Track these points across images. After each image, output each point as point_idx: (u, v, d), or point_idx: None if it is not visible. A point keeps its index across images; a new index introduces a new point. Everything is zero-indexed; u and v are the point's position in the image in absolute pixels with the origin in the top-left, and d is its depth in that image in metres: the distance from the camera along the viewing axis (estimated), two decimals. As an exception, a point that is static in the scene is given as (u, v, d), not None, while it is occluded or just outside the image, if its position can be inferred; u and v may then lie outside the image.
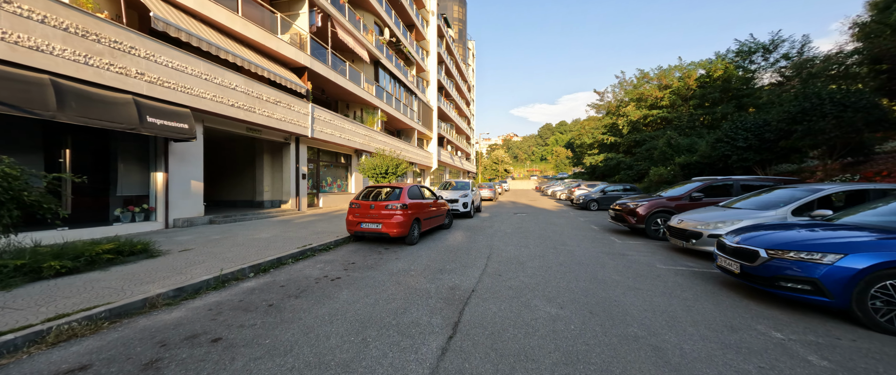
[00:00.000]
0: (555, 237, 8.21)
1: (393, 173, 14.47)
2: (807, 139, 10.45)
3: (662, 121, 23.01)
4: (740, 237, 4.05)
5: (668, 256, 6.13)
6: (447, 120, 38.29)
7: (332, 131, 14.02)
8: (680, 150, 17.88)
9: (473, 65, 60.75)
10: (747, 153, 12.67)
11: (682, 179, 17.40)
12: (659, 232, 7.87)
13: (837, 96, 9.83)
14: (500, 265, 5.47)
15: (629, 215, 8.32)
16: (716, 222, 5.69)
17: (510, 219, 12.32)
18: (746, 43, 19.88)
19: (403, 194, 7.09)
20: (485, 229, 9.76)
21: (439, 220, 8.90)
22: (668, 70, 23.37)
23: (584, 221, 11.84)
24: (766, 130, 12.16)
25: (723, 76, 19.92)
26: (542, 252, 6.43)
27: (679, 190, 8.51)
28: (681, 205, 7.84)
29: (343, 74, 15.00)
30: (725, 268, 4.10)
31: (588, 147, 32.12)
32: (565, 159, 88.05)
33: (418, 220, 7.37)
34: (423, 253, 6.28)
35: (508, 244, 7.25)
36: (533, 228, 9.92)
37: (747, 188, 7.63)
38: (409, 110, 24.12)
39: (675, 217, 6.74)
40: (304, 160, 13.06)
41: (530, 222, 11.22)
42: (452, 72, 38.63)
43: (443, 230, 9.27)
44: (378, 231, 6.73)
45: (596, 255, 6.20)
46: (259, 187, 12.92)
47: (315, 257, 5.88)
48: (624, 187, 16.70)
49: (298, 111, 11.79)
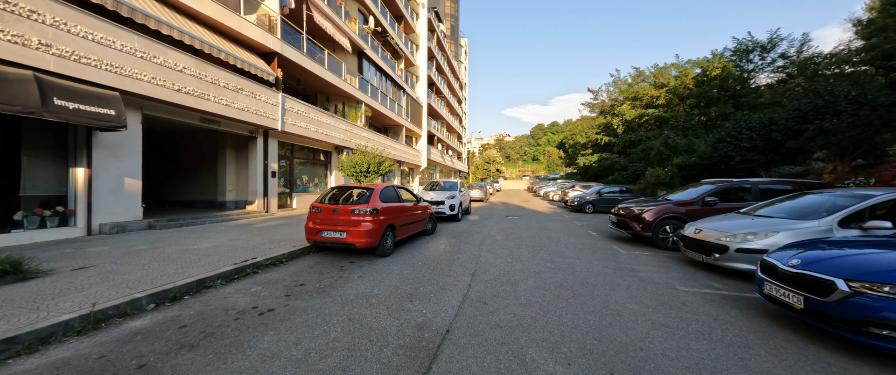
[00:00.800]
0: (551, 247, 7.20)
1: (375, 172, 13.29)
2: (819, 139, 9.72)
3: (658, 121, 22.41)
4: (798, 259, 3.08)
5: (686, 272, 5.17)
6: (438, 118, 37.17)
7: (307, 125, 12.75)
8: (678, 150, 17.18)
9: (466, 62, 59.76)
10: (751, 154, 11.95)
11: (680, 180, 16.71)
12: (668, 241, 6.94)
13: (853, 93, 9.12)
14: (486, 286, 4.40)
15: (634, 222, 7.37)
16: (744, 233, 4.74)
17: (501, 223, 11.30)
18: (744, 41, 19.34)
19: (374, 196, 5.96)
20: (472, 234, 8.70)
21: (420, 226, 7.80)
22: (665, 68, 22.77)
23: (581, 226, 10.90)
24: (772, 129, 11.44)
25: (721, 75, 19.35)
26: (538, 267, 5.39)
27: (689, 194, 7.61)
28: (693, 211, 6.92)
29: (321, 63, 13.73)
30: (778, 299, 3.12)
31: (581, 147, 31.43)
32: (557, 160, 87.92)
33: (393, 227, 6.25)
34: (394, 269, 5.17)
35: (498, 256, 6.20)
36: (526, 234, 8.91)
37: (767, 193, 6.76)
38: (396, 106, 22.92)
39: (689, 226, 5.80)
40: (274, 156, 11.77)
41: (523, 227, 10.22)
42: (443, 68, 37.52)
43: (425, 237, 8.17)
44: (342, 241, 5.58)
45: (601, 271, 5.20)
46: (221, 187, 11.56)
47: (257, 275, 4.70)
48: (620, 188, 15.89)
49: (266, 101, 10.51)
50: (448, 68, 40.32)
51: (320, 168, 15.58)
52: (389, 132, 25.01)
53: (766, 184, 6.84)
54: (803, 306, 2.86)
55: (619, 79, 26.64)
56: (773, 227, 4.63)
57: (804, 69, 14.22)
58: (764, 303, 3.82)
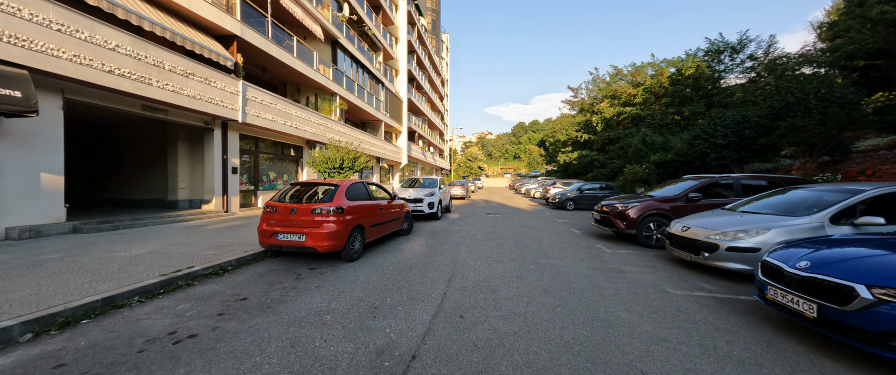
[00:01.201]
0: (533, 246, 6.80)
1: (350, 168, 12.50)
2: (790, 136, 9.93)
3: (635, 119, 22.83)
4: (807, 261, 2.75)
5: (675, 272, 4.88)
6: (419, 114, 36.38)
7: (274, 117, 11.75)
8: (655, 148, 17.44)
9: (447, 58, 59.11)
10: (726, 151, 12.15)
11: (657, 177, 16.98)
12: (652, 239, 6.72)
13: (822, 91, 9.34)
14: (463, 294, 3.88)
15: (618, 219, 7.11)
16: (734, 230, 4.49)
17: (482, 221, 10.86)
18: (716, 42, 19.92)
19: (339, 193, 5.29)
20: (452, 234, 8.19)
21: (394, 226, 7.18)
22: (642, 67, 23.22)
23: (563, 223, 10.65)
24: (746, 126, 11.65)
25: (694, 74, 19.87)
26: (520, 270, 4.94)
27: (672, 190, 7.43)
28: (677, 207, 6.73)
29: (289, 51, 12.71)
30: (784, 306, 2.79)
31: (562, 145, 31.70)
32: (538, 157, 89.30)
33: (361, 228, 5.61)
34: (360, 276, 4.55)
35: (477, 258, 5.71)
36: (507, 233, 8.49)
37: (749, 189, 6.67)
38: (375, 100, 22.00)
39: (675, 223, 5.55)
40: (235, 151, 10.72)
41: (504, 225, 9.82)
42: (424, 63, 36.72)
43: (400, 238, 7.57)
44: (300, 245, 4.89)
45: (588, 273, 4.81)
46: (172, 184, 10.39)
47: (191, 288, 3.95)
48: (601, 185, 15.90)
49: (223, 89, 9.48)
50: (429, 63, 39.55)
51: (290, 164, 14.54)
52: (367, 128, 24.04)
53: (748, 180, 6.76)
54: (817, 314, 2.53)
55: (598, 77, 27.02)
56: (764, 224, 4.40)
57: (773, 69, 14.74)
58: (762, 307, 3.52)
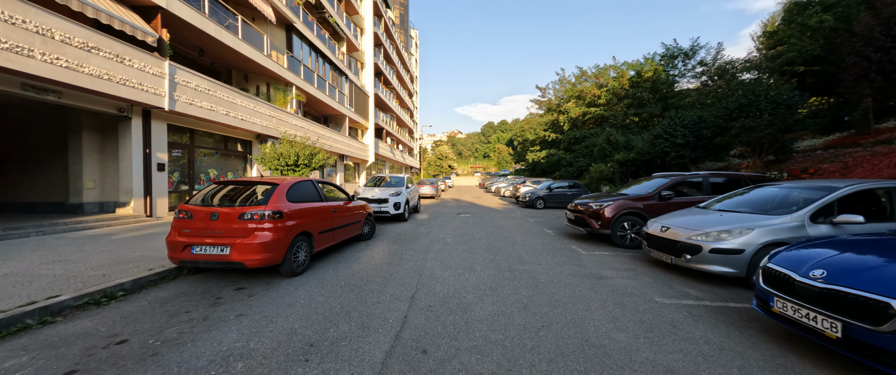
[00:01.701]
0: (507, 249, 6.26)
1: (307, 166, 11.26)
2: (742, 135, 10.41)
3: (599, 119, 23.61)
4: (822, 269, 2.39)
5: (656, 277, 4.55)
6: (387, 110, 35.05)
7: (213, 106, 10.20)
8: (618, 147, 17.95)
9: (417, 55, 57.97)
10: (684, 150, 12.61)
11: (621, 175, 17.50)
12: (626, 239, 6.48)
13: (771, 94, 9.87)
14: (428, 317, 3.17)
15: (592, 219, 6.80)
16: (717, 230, 4.23)
17: (452, 222, 10.23)
18: (671, 48, 21.05)
19: (277, 194, 4.33)
20: (419, 237, 7.44)
21: (352, 230, 6.29)
22: (604, 69, 24.08)
23: (535, 223, 10.33)
24: (702, 127, 12.14)
25: (652, 77, 20.86)
26: (495, 280, 4.34)
27: (643, 188, 7.29)
28: (650, 206, 6.55)
29: (232, 31, 11.15)
30: (797, 322, 2.42)
31: (531, 144, 32.15)
32: (507, 156, 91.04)
33: (308, 236, 4.68)
34: (300, 296, 3.67)
35: (447, 266, 5.03)
36: (479, 234, 7.92)
37: (717, 186, 6.66)
38: (337, 93, 20.54)
39: (652, 223, 5.28)
40: (161, 144, 9.09)
41: (475, 227, 9.26)
42: (392, 58, 35.43)
43: (360, 244, 6.68)
44: (223, 259, 3.88)
45: (568, 281, 4.32)
46: (75, 183, 8.52)
47: (48, 328, 2.84)
48: (569, 183, 16.00)
49: (143, 69, 7.91)
50: (397, 58, 38.31)
51: (236, 161, 12.89)
52: (330, 123, 22.47)
53: (716, 177, 6.75)
54: (841, 334, 2.15)
55: (564, 78, 27.69)
56: (746, 223, 4.18)
57: (722, 74, 15.76)
58: (759, 317, 3.21)
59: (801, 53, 11.54)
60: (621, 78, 22.53)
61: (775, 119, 9.66)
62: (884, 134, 9.32)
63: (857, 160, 8.66)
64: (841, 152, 9.80)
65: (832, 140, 10.97)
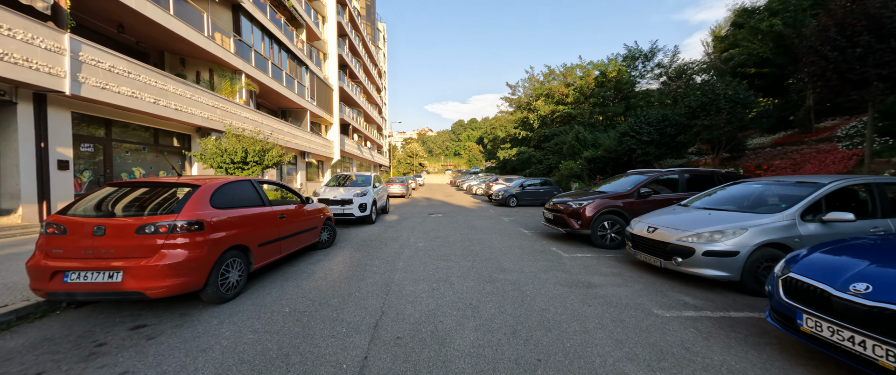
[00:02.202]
0: (485, 254, 5.70)
1: (257, 163, 9.93)
2: (704, 133, 10.77)
3: (567, 117, 24.11)
4: (865, 282, 2.03)
5: (648, 283, 4.20)
6: (354, 105, 33.35)
7: (137, 93, 8.56)
8: (586, 144, 18.27)
9: (385, 49, 56.13)
10: (649, 147, 12.94)
11: (589, 173, 17.83)
12: (606, 239, 6.20)
13: (729, 93, 10.28)
14: (395, 355, 2.46)
15: (572, 218, 6.45)
16: (709, 231, 3.95)
17: (424, 223, 9.52)
18: (632, 49, 21.90)
19: (195, 199, 3.35)
20: (387, 243, 6.65)
21: (307, 238, 5.36)
22: (571, 68, 24.63)
23: (510, 222, 9.94)
24: (667, 125, 12.49)
25: (616, 77, 21.58)
26: (476, 295, 3.72)
27: (620, 185, 7.10)
28: (630, 204, 6.32)
29: (162, 6, 9.48)
30: (842, 348, 2.03)
31: (501, 141, 32.24)
32: (478, 154, 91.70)
33: (244, 250, 3.74)
34: (225, 334, 2.78)
35: (419, 278, 4.33)
36: (454, 237, 7.30)
37: (693, 183, 6.59)
38: (297, 85, 18.87)
39: (636, 223, 4.98)
40: (64, 136, 7.41)
41: (449, 228, 8.63)
42: (358, 50, 33.72)
43: (317, 253, 5.76)
44: (114, 289, 2.86)
45: (557, 292, 3.82)
46: (-65, 186, 6.63)
47: None
48: (541, 181, 15.94)
49: (30, 42, 6.28)
50: (364, 51, 36.58)
51: (171, 157, 11.12)
52: (289, 117, 20.67)
53: (691, 174, 6.68)
54: (901, 363, 1.77)
55: (533, 76, 28.00)
56: (738, 223, 3.93)
57: (681, 75, 16.58)
58: (774, 331, 2.87)
59: (751, 55, 12.31)
60: (587, 77, 23.12)
61: (733, 118, 10.07)
62: (824, 133, 10.10)
63: (805, 157, 9.24)
64: (788, 150, 10.47)
65: (779, 138, 11.80)
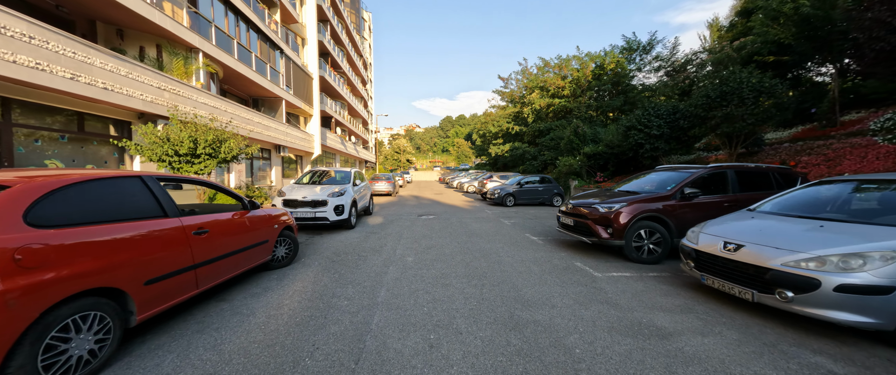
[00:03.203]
0: (496, 274, 4.34)
1: (211, 156, 8.23)
2: (723, 125, 9.77)
3: (563, 111, 23.08)
4: None
5: (747, 330, 2.94)
6: (337, 97, 31.32)
7: (47, 65, 6.71)
8: (586, 139, 17.21)
9: (370, 40, 53.80)
10: (659, 142, 11.91)
11: (588, 170, 16.78)
12: (642, 251, 4.97)
13: (753, 82, 9.29)
14: None
15: (600, 225, 5.17)
16: (839, 253, 2.71)
17: (413, 227, 8.08)
18: (631, 41, 20.98)
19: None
20: (367, 257, 5.20)
21: (248, 259, 3.85)
22: (567, 60, 23.56)
23: (513, 225, 8.64)
24: (678, 117, 11.47)
25: (614, 69, 20.62)
26: (495, 357, 2.34)
27: (650, 184, 5.88)
28: (672, 208, 5.09)
29: (84, -43, 7.56)
30: None
31: (493, 137, 31.00)
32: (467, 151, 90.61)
33: (114, 295, 2.21)
34: None
35: (408, 321, 2.92)
36: (451, 248, 5.91)
37: (745, 181, 5.42)
38: (270, 70, 16.92)
39: (703, 235, 3.73)
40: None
41: (444, 235, 7.23)
42: (341, 38, 31.63)
43: (268, 277, 4.24)
44: None
45: (619, 351, 2.50)
46: None
47: None
48: (539, 178, 14.75)
49: None
50: (348, 40, 34.47)
51: (101, 148, 9.18)
52: (262, 106, 18.70)
53: (742, 170, 5.50)
54: None
55: (527, 69, 26.80)
56: (886, 242, 2.70)
57: (687, 65, 15.65)
58: None
59: (767, 43, 11.44)
60: (584, 69, 22.10)
61: (756, 108, 9.09)
62: (852, 126, 9.28)
63: (838, 152, 8.35)
64: (812, 145, 9.61)
65: (799, 133, 10.99)
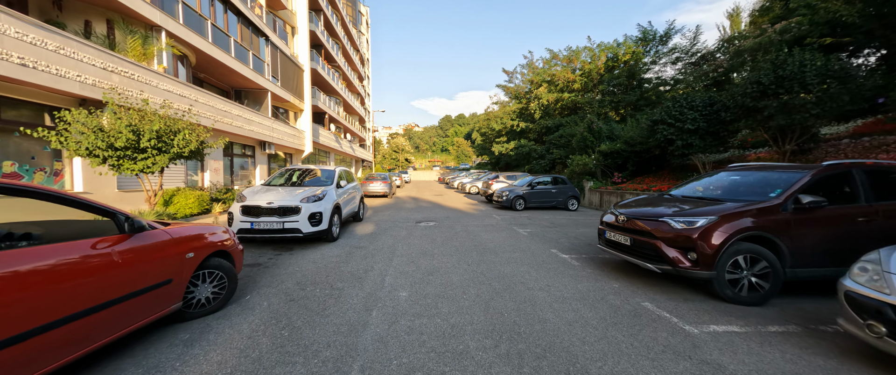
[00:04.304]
0: (534, 329, 2.77)
1: (160, 151, 6.66)
2: (779, 117, 8.22)
3: (573, 107, 21.52)
4: None
5: None
6: (332, 93, 29.74)
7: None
8: (601, 136, 15.65)
9: (368, 35, 52.18)
10: (693, 138, 10.36)
11: (604, 169, 15.22)
12: (740, 287, 3.42)
13: (818, 64, 7.75)
14: None
15: (676, 247, 3.62)
16: None
17: (410, 240, 6.50)
18: (647, 31, 19.46)
19: None
20: (341, 291, 3.63)
21: (127, 316, 2.27)
22: (577, 51, 21.99)
23: (530, 235, 7.08)
24: (718, 108, 9.92)
25: (630, 60, 19.08)
26: None
27: (726, 186, 4.36)
28: (781, 223, 3.53)
29: None
30: None
31: (496, 135, 29.41)
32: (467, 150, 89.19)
33: None
34: None
35: None
36: (459, 274, 4.33)
37: (877, 184, 3.85)
38: (252, 58, 15.31)
39: None
40: None
41: (448, 251, 5.65)
42: (336, 30, 30.01)
43: (177, 333, 2.66)
44: None
45: None
46: None
47: None
48: (552, 178, 13.20)
49: None
50: (343, 33, 32.84)
51: (24, 141, 7.52)
52: (246, 99, 17.08)
53: (873, 169, 3.91)
54: None
55: (532, 62, 25.20)
56: None
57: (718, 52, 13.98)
58: None
59: (817, 24, 9.92)
60: (596, 60, 20.53)
61: (825, 96, 7.55)
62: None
63: (932, 149, 6.81)
64: (889, 141, 8.08)
65: (860, 127, 9.48)
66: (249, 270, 4.48)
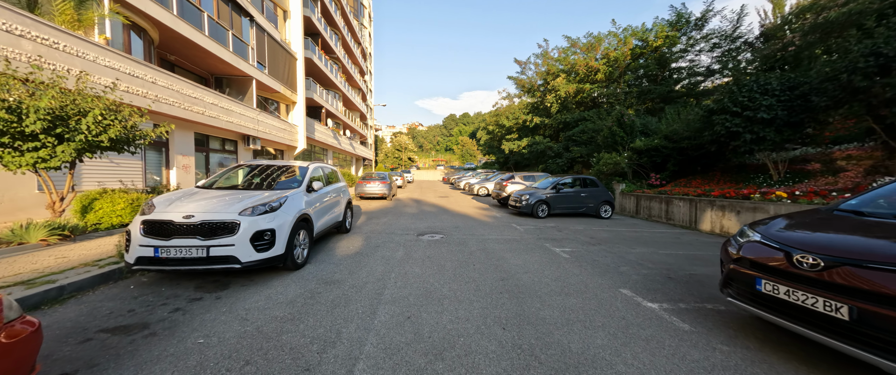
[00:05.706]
0: None
1: (64, 140, 4.75)
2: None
3: (591, 101, 19.37)
4: None
5: None
6: (330, 86, 27.90)
7: None
8: (634, 131, 13.51)
9: (371, 29, 50.33)
10: (767, 130, 8.23)
11: (636, 169, 13.07)
12: None
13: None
14: None
15: None
16: None
17: (408, 266, 4.49)
18: (682, 13, 17.26)
19: None
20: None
21: None
22: (600, 37, 19.76)
23: (575, 259, 5.02)
24: (807, 92, 7.77)
25: (662, 46, 16.88)
26: None
27: None
28: None
29: None
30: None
31: (506, 131, 27.26)
32: (472, 149, 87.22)
33: None
34: None
35: None
36: (487, 350, 2.30)
37: None
38: (233, 40, 13.43)
39: None
40: None
41: (465, 288, 3.63)
42: (336, 20, 28.13)
43: None
44: None
45: None
46: None
47: None
48: (580, 179, 11.13)
49: None
50: (343, 23, 30.97)
51: None
52: (229, 88, 15.19)
53: None
54: None
55: (548, 52, 23.03)
56: None
57: (785, 25, 11.71)
58: None
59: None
60: (623, 46, 18.32)
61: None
62: None
63: None
64: None
65: None
66: (114, 342, 2.50)
